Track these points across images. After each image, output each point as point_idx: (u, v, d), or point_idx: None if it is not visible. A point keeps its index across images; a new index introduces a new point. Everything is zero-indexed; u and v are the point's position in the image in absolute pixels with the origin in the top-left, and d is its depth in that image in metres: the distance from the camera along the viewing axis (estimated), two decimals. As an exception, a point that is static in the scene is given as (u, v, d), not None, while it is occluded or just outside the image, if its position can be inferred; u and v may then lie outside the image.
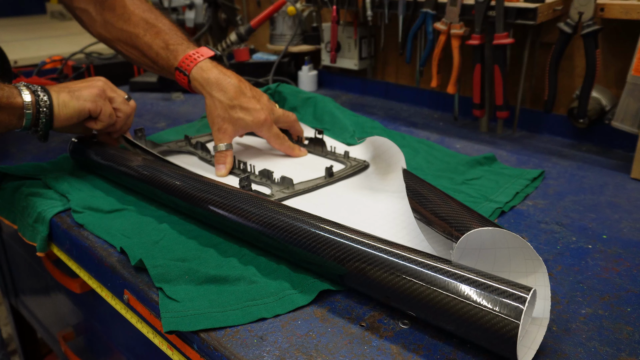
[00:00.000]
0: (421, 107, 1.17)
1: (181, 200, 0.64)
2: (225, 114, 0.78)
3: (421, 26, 0.99)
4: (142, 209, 0.69)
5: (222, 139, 0.79)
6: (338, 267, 0.50)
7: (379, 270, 0.47)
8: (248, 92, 0.80)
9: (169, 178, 0.66)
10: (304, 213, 0.55)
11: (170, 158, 0.82)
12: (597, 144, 0.93)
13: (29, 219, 0.70)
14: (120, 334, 0.78)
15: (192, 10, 1.40)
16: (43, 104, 0.69)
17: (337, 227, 0.52)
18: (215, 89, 0.78)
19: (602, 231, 0.64)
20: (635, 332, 0.47)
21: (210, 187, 0.62)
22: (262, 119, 0.79)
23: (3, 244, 1.22)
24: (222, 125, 0.79)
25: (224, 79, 0.79)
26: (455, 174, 0.78)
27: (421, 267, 0.45)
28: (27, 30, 2.13)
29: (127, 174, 0.72)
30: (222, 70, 0.80)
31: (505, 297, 0.41)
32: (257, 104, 0.80)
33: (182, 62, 0.80)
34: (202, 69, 0.79)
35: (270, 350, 0.45)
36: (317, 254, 0.51)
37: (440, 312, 0.44)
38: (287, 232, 0.53)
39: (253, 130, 0.81)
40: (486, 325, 0.41)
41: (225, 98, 0.78)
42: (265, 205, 0.57)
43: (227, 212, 0.58)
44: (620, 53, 0.88)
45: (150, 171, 0.69)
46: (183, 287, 0.52)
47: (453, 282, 0.43)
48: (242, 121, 0.79)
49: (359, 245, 0.49)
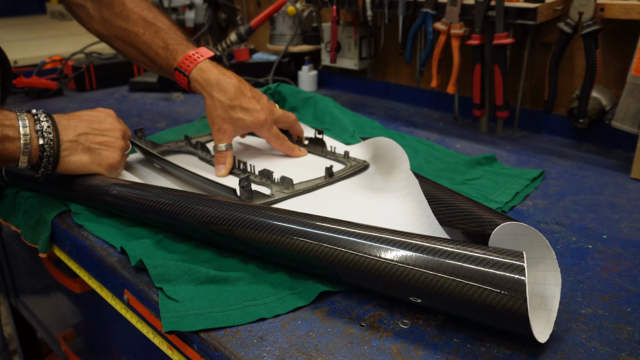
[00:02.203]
0: (421, 107, 1.17)
1: (166, 219, 0.61)
2: (225, 114, 0.78)
3: (421, 26, 0.99)
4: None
5: (221, 139, 0.79)
6: (330, 262, 0.50)
7: (372, 260, 0.48)
8: (248, 92, 0.80)
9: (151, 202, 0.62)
10: (287, 211, 0.55)
11: (170, 158, 0.82)
12: (597, 144, 0.93)
13: (31, 221, 0.70)
14: (120, 334, 0.78)
15: (192, 10, 1.40)
16: (48, 150, 0.64)
17: (324, 220, 0.52)
18: (216, 90, 0.78)
19: (602, 231, 0.64)
20: (635, 332, 0.47)
21: (188, 208, 0.59)
22: (262, 119, 0.79)
23: (3, 244, 1.22)
24: (221, 126, 0.79)
25: (224, 80, 0.79)
26: (455, 174, 0.78)
27: (413, 250, 0.47)
28: (27, 30, 2.13)
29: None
30: (222, 71, 0.80)
31: (504, 269, 0.43)
32: (257, 104, 0.79)
33: (182, 63, 0.80)
34: (202, 69, 0.79)
35: (270, 350, 0.45)
36: (307, 251, 0.51)
37: (446, 297, 0.45)
38: (274, 233, 0.53)
39: (253, 130, 0.81)
40: (492, 303, 0.43)
41: (225, 98, 0.78)
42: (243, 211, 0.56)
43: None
44: (620, 53, 0.88)
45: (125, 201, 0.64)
46: (183, 287, 0.52)
47: (453, 262, 0.45)
48: (242, 121, 0.79)
49: (349, 236, 0.50)
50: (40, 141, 0.63)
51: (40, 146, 0.63)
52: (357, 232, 0.50)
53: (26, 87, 1.23)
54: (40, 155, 0.64)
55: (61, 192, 0.71)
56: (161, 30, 0.82)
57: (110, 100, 1.24)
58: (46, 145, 0.64)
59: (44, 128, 0.64)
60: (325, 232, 0.51)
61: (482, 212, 0.53)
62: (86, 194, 0.68)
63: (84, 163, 0.68)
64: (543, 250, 0.47)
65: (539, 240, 0.47)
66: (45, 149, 0.64)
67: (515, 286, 0.42)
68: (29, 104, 1.21)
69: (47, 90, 1.25)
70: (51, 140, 0.64)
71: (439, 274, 0.45)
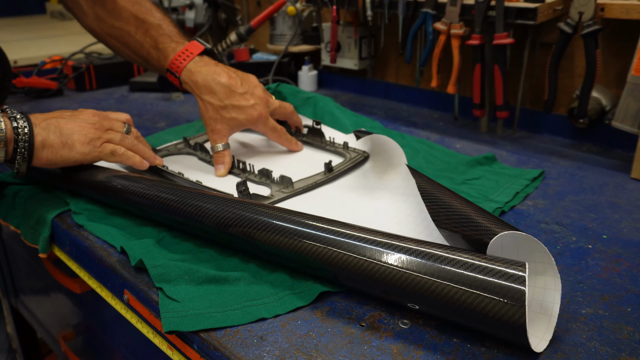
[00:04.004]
0: (421, 107, 1.17)
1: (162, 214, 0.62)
2: (217, 115, 0.77)
3: (421, 26, 0.99)
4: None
5: (217, 140, 0.78)
6: (330, 266, 0.49)
7: (370, 264, 0.47)
8: (239, 89, 0.78)
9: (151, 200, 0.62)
10: (288, 211, 0.55)
11: (169, 159, 0.82)
12: (597, 144, 0.93)
13: (30, 221, 0.70)
14: (120, 334, 0.78)
15: (192, 10, 1.40)
16: (22, 137, 0.62)
17: (324, 222, 0.52)
18: (205, 92, 0.77)
19: (602, 231, 0.64)
20: (635, 332, 0.47)
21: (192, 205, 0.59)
22: (256, 115, 0.78)
23: (3, 244, 1.22)
24: (215, 127, 0.78)
25: (212, 81, 0.77)
26: (455, 174, 0.78)
27: (415, 255, 0.46)
28: (27, 30, 2.13)
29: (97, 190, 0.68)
30: (210, 69, 0.78)
31: (505, 279, 0.43)
32: (251, 99, 0.78)
33: (172, 64, 0.79)
34: (191, 71, 0.78)
35: (270, 350, 0.45)
36: (307, 252, 0.51)
37: (444, 304, 0.44)
38: (274, 233, 0.53)
39: (248, 127, 0.80)
40: (491, 312, 0.42)
41: (215, 100, 0.77)
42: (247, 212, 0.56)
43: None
44: (620, 53, 0.88)
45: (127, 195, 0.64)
46: (183, 287, 0.52)
47: (452, 269, 0.45)
48: (235, 120, 0.78)
49: (349, 239, 0.49)
50: (14, 124, 0.62)
51: (14, 128, 0.62)
52: (356, 234, 0.50)
53: (26, 87, 1.23)
54: (16, 138, 0.62)
55: (68, 185, 0.71)
56: (152, 28, 0.81)
57: (110, 100, 1.24)
58: (19, 129, 0.62)
59: (17, 116, 0.63)
60: (325, 233, 0.51)
61: (480, 219, 0.52)
62: (90, 184, 0.68)
63: (52, 144, 0.65)
64: (543, 257, 0.46)
65: (538, 247, 0.46)
66: (19, 132, 0.62)
67: (516, 295, 0.42)
68: (29, 104, 1.21)
69: (47, 90, 1.25)
70: (25, 125, 0.62)
71: (439, 280, 0.44)
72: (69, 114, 0.70)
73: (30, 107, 1.17)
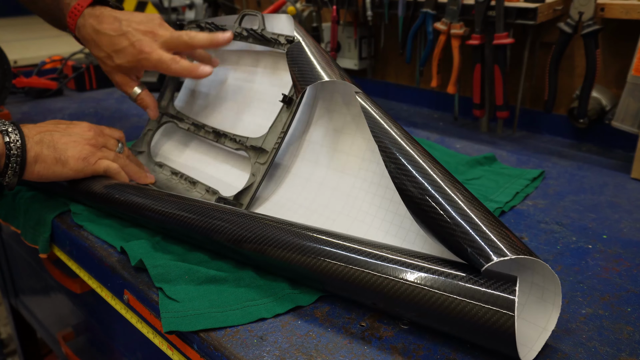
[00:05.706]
0: (421, 107, 1.17)
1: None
2: (108, 69, 0.76)
3: (421, 26, 0.99)
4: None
5: (126, 89, 0.77)
6: (315, 277, 0.49)
7: (354, 273, 0.47)
8: (118, 31, 0.73)
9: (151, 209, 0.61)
10: (275, 220, 0.54)
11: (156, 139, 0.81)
12: (597, 144, 0.93)
13: (31, 221, 0.70)
14: (120, 334, 0.78)
15: (192, 10, 1.40)
16: (15, 151, 0.60)
17: (315, 231, 0.51)
18: (93, 47, 0.75)
19: (602, 231, 0.64)
20: (635, 332, 0.47)
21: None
22: (136, 54, 0.72)
23: (3, 244, 1.22)
24: (115, 79, 0.77)
25: (94, 33, 0.74)
26: (455, 174, 0.78)
27: (404, 266, 0.45)
28: (27, 30, 2.13)
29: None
30: (94, 21, 0.74)
31: (495, 288, 0.42)
32: (131, 37, 0.72)
33: (70, 25, 0.76)
34: (79, 27, 0.75)
35: (270, 350, 0.45)
36: (290, 261, 0.50)
37: (436, 314, 0.43)
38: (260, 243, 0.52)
39: (139, 67, 0.75)
40: (481, 321, 0.41)
41: (100, 52, 0.75)
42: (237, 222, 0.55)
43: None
44: (620, 53, 0.88)
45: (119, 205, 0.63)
46: (183, 287, 0.52)
47: (445, 280, 0.44)
48: (123, 67, 0.74)
49: (338, 249, 0.48)
50: (6, 139, 0.60)
51: (6, 144, 0.60)
52: (346, 245, 0.49)
53: (26, 87, 1.23)
54: (8, 154, 0.60)
55: (66, 192, 0.70)
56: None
57: (110, 100, 1.24)
58: (12, 144, 0.60)
59: (8, 130, 0.61)
60: (315, 243, 0.50)
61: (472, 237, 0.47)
62: (87, 194, 0.67)
63: (45, 159, 0.63)
64: (544, 270, 0.45)
65: (538, 267, 0.45)
66: (11, 147, 0.60)
67: (505, 304, 0.41)
68: (29, 104, 1.21)
69: (46, 90, 1.25)
70: (17, 139, 0.61)
71: (432, 289, 0.43)
72: (63, 126, 0.68)
73: (30, 107, 1.17)
